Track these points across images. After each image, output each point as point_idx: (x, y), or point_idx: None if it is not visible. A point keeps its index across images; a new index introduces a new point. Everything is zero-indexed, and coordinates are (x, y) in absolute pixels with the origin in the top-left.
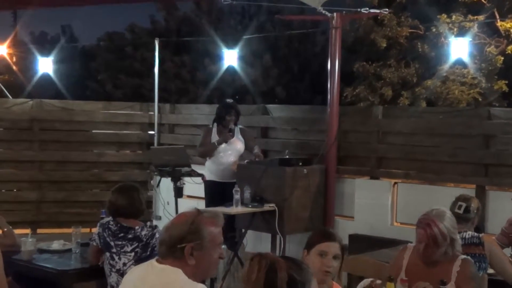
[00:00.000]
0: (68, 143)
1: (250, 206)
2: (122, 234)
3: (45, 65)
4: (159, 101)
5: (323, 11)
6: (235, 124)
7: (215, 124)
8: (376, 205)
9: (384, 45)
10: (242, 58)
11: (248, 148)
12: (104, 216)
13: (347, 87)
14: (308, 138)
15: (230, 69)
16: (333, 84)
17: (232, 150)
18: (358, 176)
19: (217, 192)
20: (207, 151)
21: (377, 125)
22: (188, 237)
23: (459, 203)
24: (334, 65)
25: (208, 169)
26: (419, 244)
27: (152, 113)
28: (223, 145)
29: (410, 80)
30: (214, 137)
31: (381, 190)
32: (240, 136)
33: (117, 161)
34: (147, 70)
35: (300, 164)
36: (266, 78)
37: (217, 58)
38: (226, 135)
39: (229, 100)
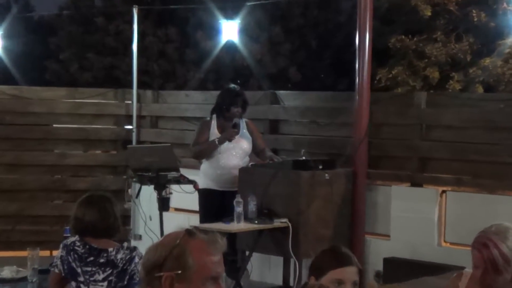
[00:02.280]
0: (22, 141)
1: (256, 221)
2: (91, 258)
3: None
4: (139, 86)
5: None
6: (241, 117)
7: (214, 116)
8: (418, 220)
9: (429, 13)
10: (244, 31)
11: (256, 148)
12: (68, 235)
13: (381, 67)
14: (330, 134)
15: (229, 46)
16: (363, 64)
17: (237, 150)
18: (395, 183)
19: (216, 204)
20: (205, 151)
21: (419, 116)
22: (168, 264)
23: None
24: (363, 40)
25: (204, 174)
26: (475, 269)
27: (129, 102)
28: (226, 144)
29: (462, 59)
30: (213, 133)
31: (425, 201)
32: (246, 132)
33: (84, 164)
34: (123, 47)
35: (320, 167)
36: (275, 57)
37: (213, 32)
38: (230, 132)
39: (234, 86)
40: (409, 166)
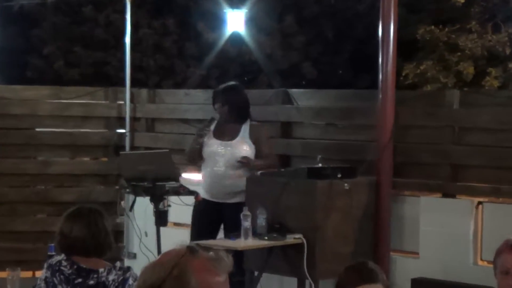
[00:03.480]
0: (1, 147)
1: (266, 237)
2: (80, 280)
3: None
4: (132, 85)
5: None
6: (231, 117)
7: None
8: (451, 235)
9: (462, 0)
10: (252, 22)
11: (257, 156)
12: (53, 253)
13: (408, 62)
14: (350, 138)
15: (235, 38)
16: (387, 59)
17: (228, 157)
18: (424, 193)
19: (206, 216)
20: (190, 151)
21: (451, 117)
22: (167, 286)
23: None
24: (387, 30)
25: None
26: (502, 275)
27: (121, 102)
28: (216, 147)
29: (501, 52)
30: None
31: (459, 214)
32: (245, 137)
33: (71, 172)
34: (115, 40)
35: (339, 175)
36: (287, 50)
37: (217, 22)
38: (200, 129)
39: (234, 84)
40: (440, 174)
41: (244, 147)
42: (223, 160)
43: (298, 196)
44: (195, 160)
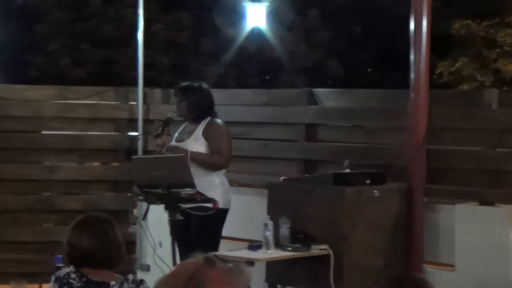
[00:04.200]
0: (1, 151)
1: (290, 248)
2: None
3: None
4: (145, 84)
5: None
6: (194, 114)
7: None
8: (489, 246)
9: None
10: (273, 16)
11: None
12: (60, 265)
13: (442, 59)
14: (380, 141)
15: (256, 34)
16: (419, 55)
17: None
18: (461, 201)
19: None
20: None
21: (490, 119)
22: None
23: None
24: (420, 24)
25: None
26: None
27: (133, 103)
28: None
29: None
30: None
31: (498, 223)
32: (198, 134)
33: (78, 178)
34: (124, 36)
35: (368, 182)
36: (311, 47)
37: (235, 17)
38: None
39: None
40: (477, 180)
41: (196, 146)
42: None
43: (324, 204)
44: None
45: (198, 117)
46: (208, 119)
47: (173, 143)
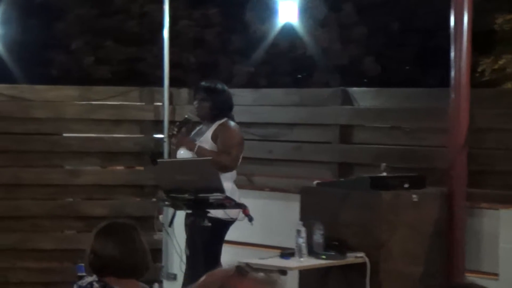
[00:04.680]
0: (21, 154)
1: (324, 256)
2: None
3: None
4: (171, 84)
5: None
6: (214, 114)
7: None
8: None
9: None
10: (306, 12)
11: None
12: (83, 273)
13: (484, 56)
14: (419, 143)
15: (287, 30)
16: (460, 52)
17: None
18: (505, 206)
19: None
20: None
21: None
22: None
23: None
24: (461, 20)
25: None
26: None
27: (159, 104)
28: (181, 152)
29: None
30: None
31: None
32: (207, 136)
33: (102, 183)
34: (150, 33)
35: (406, 186)
36: (346, 44)
37: (266, 12)
38: (168, 129)
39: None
40: None
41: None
42: None
43: (360, 210)
44: None
45: (215, 118)
46: (223, 120)
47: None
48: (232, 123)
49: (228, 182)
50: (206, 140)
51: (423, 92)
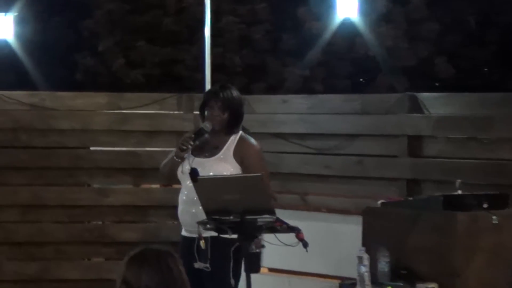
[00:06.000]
0: (43, 171)
1: (390, 287)
2: None
3: (1, 28)
4: None
5: None
6: (230, 128)
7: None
8: None
9: None
10: (368, 6)
11: None
12: None
13: None
14: (499, 156)
15: (347, 27)
16: None
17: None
18: None
19: (186, 261)
20: (164, 168)
21: None
22: None
23: None
24: None
25: None
26: None
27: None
28: (188, 167)
29: None
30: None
31: None
32: (229, 154)
33: (134, 203)
34: (189, 31)
35: (485, 206)
36: (415, 42)
37: (322, 7)
38: (183, 139)
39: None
40: None
41: (223, 167)
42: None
43: (432, 233)
44: (168, 178)
45: (231, 131)
46: (239, 135)
47: (191, 157)
48: (252, 141)
49: None
50: (225, 159)
51: (504, 97)
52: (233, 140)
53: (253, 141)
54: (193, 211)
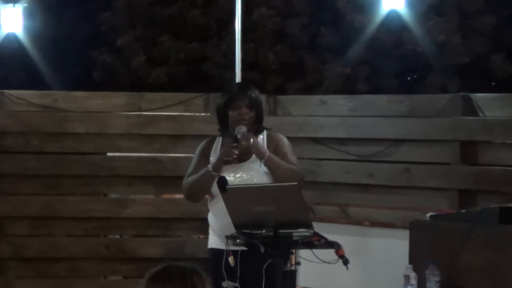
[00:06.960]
0: (56, 179)
1: None
2: None
3: (9, 20)
4: None
5: None
6: (257, 126)
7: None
8: None
9: None
10: None
11: None
12: None
13: None
14: None
15: (392, 21)
16: None
17: (244, 182)
18: None
19: (221, 273)
20: (195, 186)
21: None
22: None
23: None
24: None
25: (210, 226)
26: None
27: None
28: (226, 172)
29: None
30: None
31: None
32: (263, 152)
33: (156, 216)
34: (218, 25)
35: None
36: (469, 38)
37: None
38: (226, 149)
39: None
40: None
41: (262, 168)
42: None
43: (487, 249)
44: (200, 194)
45: (256, 132)
46: (265, 133)
47: (215, 162)
48: (279, 134)
49: None
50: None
51: None
52: (262, 139)
53: (281, 135)
54: None
